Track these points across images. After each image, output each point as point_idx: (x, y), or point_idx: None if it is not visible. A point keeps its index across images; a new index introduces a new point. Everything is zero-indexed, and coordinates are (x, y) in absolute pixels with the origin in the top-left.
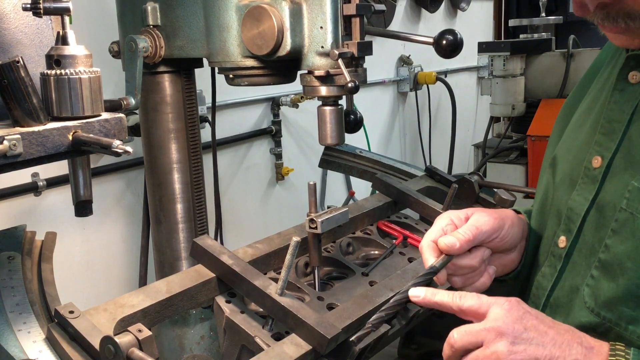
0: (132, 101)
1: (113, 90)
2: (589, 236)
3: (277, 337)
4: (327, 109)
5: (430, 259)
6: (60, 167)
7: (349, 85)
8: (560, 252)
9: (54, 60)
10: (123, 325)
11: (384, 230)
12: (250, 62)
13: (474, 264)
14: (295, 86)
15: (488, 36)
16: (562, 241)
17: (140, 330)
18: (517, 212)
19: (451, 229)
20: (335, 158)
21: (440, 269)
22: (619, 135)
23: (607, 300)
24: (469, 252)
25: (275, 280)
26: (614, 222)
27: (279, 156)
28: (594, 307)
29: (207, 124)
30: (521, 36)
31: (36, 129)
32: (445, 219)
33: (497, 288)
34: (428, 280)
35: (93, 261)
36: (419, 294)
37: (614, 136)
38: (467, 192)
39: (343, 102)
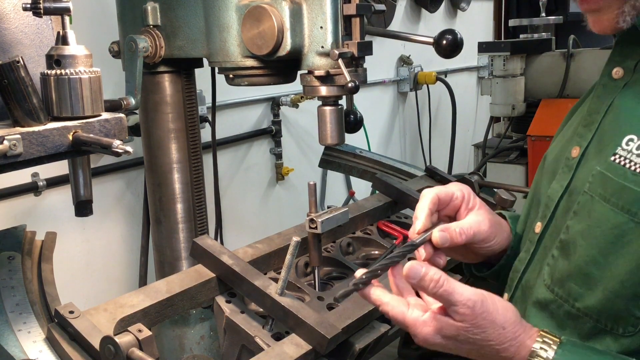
0: (132, 101)
1: (113, 90)
2: (559, 220)
3: (277, 337)
4: (327, 109)
5: (421, 221)
6: (60, 167)
7: (349, 85)
8: (535, 237)
9: (54, 60)
10: (123, 325)
11: (384, 230)
12: (250, 62)
13: (442, 263)
14: (295, 86)
15: (488, 36)
16: (538, 227)
17: (140, 330)
18: (503, 216)
19: (456, 204)
20: (335, 158)
21: (419, 246)
22: (596, 126)
23: (560, 277)
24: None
25: (275, 280)
26: (575, 205)
27: (279, 156)
28: (549, 284)
29: (207, 124)
30: (521, 36)
31: (36, 129)
32: (457, 190)
33: (478, 284)
34: (408, 252)
35: (93, 261)
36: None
37: (592, 127)
38: None
39: (343, 102)
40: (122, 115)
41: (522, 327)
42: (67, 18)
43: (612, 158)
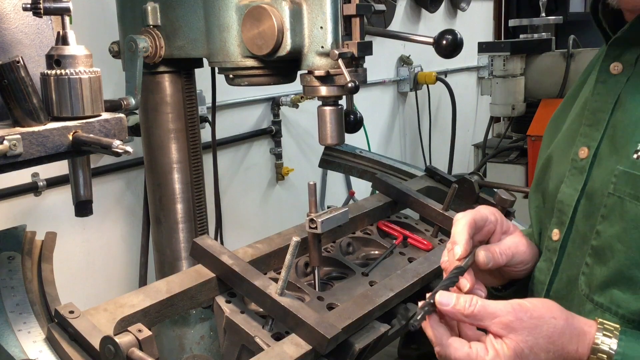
0: (132, 101)
1: (113, 90)
2: (581, 226)
3: (277, 337)
4: (327, 109)
5: (461, 246)
6: (60, 167)
7: (349, 85)
8: (555, 244)
9: (54, 60)
10: (123, 325)
11: (384, 230)
12: (250, 62)
13: (483, 295)
14: (295, 86)
15: (488, 36)
16: (556, 234)
17: (140, 330)
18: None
19: (490, 229)
20: (335, 158)
21: (466, 270)
22: (603, 125)
23: (600, 284)
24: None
25: (275, 280)
26: (603, 208)
27: (279, 156)
28: (588, 294)
29: (207, 124)
30: (521, 36)
31: (36, 129)
32: (490, 214)
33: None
34: (458, 276)
35: (93, 261)
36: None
37: (599, 126)
38: (467, 192)
39: (343, 102)
40: (122, 115)
41: (568, 312)
42: (67, 18)
43: (635, 155)
